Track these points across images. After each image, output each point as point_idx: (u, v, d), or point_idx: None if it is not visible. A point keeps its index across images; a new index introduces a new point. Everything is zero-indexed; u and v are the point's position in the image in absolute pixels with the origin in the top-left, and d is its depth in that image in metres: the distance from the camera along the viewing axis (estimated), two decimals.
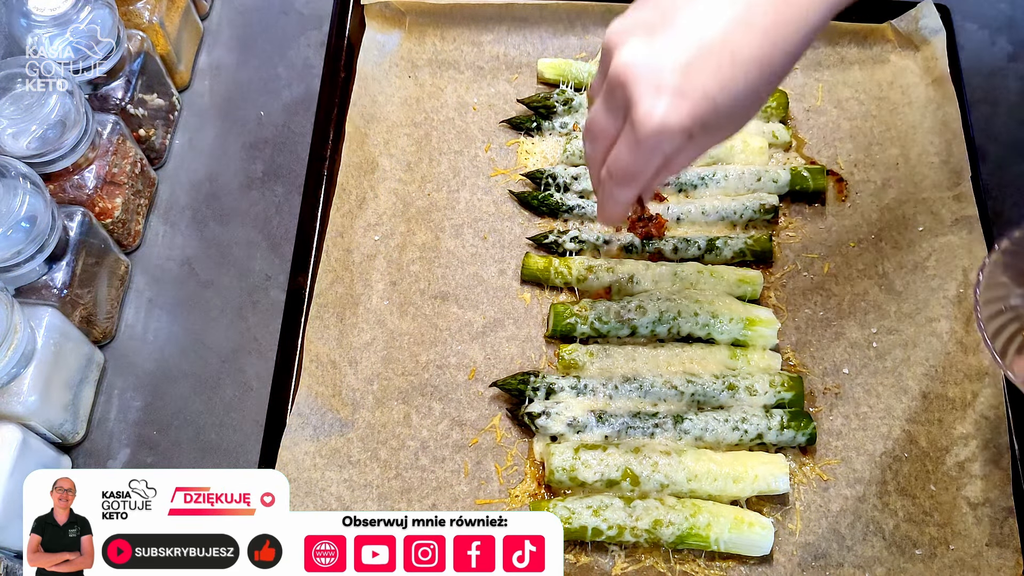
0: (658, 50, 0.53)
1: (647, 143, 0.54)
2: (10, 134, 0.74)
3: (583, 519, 0.72)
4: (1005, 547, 0.74)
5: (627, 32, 0.55)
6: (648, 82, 0.52)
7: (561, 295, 0.86)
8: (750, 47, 0.52)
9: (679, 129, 0.53)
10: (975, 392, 0.79)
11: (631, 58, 0.53)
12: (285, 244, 0.88)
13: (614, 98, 0.55)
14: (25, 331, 0.70)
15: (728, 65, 0.52)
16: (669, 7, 0.54)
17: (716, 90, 0.52)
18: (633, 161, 0.55)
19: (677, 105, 0.52)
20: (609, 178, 0.58)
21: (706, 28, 0.52)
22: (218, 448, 0.79)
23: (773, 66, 0.54)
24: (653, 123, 0.52)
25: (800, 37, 0.54)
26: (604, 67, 0.57)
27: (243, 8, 1.02)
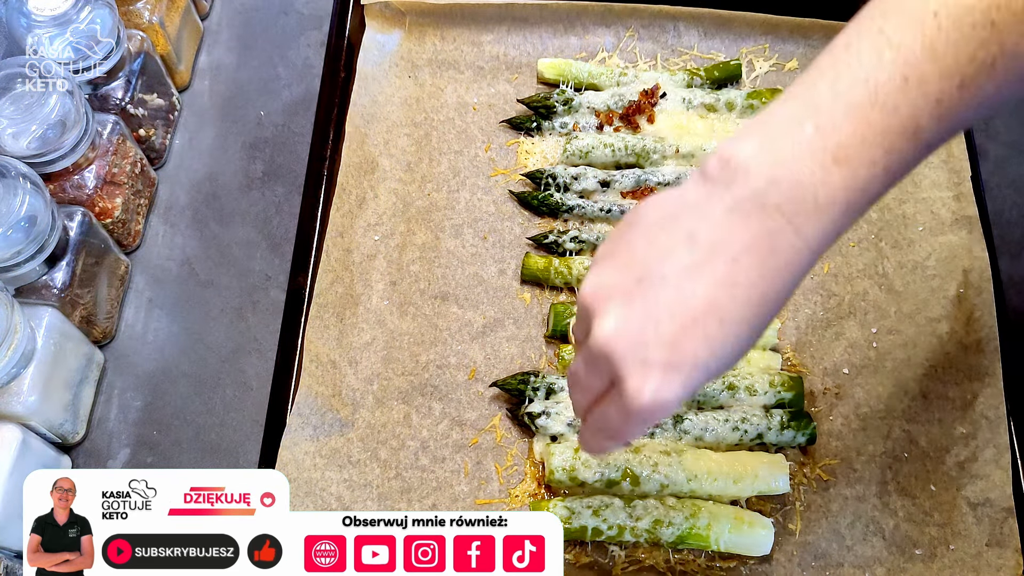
0: (640, 322, 0.48)
1: (639, 417, 0.49)
2: (10, 134, 0.74)
3: (583, 519, 0.72)
4: (1005, 547, 0.74)
5: (604, 297, 0.50)
6: (634, 358, 0.48)
7: (561, 295, 0.86)
8: (737, 308, 0.47)
9: (674, 403, 0.49)
10: (975, 392, 0.79)
11: (612, 331, 0.48)
12: (285, 244, 0.88)
13: (597, 366, 0.50)
14: (25, 331, 0.70)
15: (717, 331, 0.47)
16: (643, 269, 0.49)
17: (706, 357, 0.48)
18: (624, 427, 0.52)
19: (668, 380, 0.48)
20: (595, 432, 0.54)
21: (688, 295, 0.47)
22: (218, 448, 0.79)
23: (764, 319, 0.49)
24: (644, 401, 0.48)
25: (789, 286, 0.49)
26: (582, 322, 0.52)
27: (243, 8, 1.02)
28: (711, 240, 0.48)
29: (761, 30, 0.98)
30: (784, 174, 0.47)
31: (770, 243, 0.47)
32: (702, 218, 0.48)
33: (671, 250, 0.48)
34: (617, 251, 0.51)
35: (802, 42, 0.97)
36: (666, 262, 0.48)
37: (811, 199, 0.47)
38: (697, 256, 0.48)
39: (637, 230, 0.51)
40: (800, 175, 0.47)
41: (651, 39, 0.98)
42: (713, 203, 0.48)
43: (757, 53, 0.98)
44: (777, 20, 0.97)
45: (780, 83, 0.96)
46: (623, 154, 0.90)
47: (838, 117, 0.47)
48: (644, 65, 0.97)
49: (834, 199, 0.47)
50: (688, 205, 0.49)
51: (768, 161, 0.47)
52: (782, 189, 0.47)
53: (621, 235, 0.52)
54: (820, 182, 0.47)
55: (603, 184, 0.89)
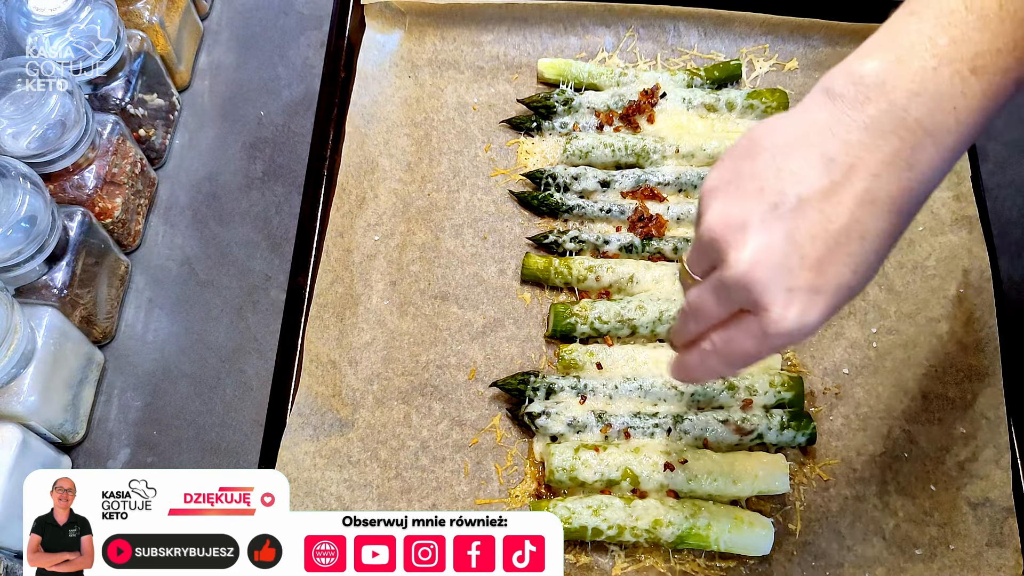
0: (782, 249, 0.48)
1: (778, 341, 0.50)
2: (10, 134, 0.74)
3: (583, 519, 0.72)
4: (1005, 547, 0.74)
5: (737, 227, 0.49)
6: (778, 286, 0.48)
7: (561, 295, 0.86)
8: (877, 225, 0.48)
9: (817, 326, 0.49)
10: (975, 392, 0.79)
11: (753, 260, 0.48)
12: (285, 244, 0.88)
13: (731, 296, 0.51)
14: (25, 331, 0.70)
15: (859, 250, 0.48)
16: (778, 193, 0.49)
17: (850, 277, 0.49)
18: (756, 351, 0.52)
19: (813, 303, 0.48)
20: (716, 355, 0.54)
21: (830, 217, 0.48)
22: (218, 448, 0.79)
23: (901, 229, 0.50)
24: (788, 326, 0.49)
25: (922, 199, 0.50)
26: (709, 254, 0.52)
27: (243, 8, 1.02)
28: (848, 159, 0.48)
29: (761, 30, 0.98)
30: (923, 88, 0.48)
31: (910, 158, 0.48)
32: (836, 138, 0.48)
33: (805, 173, 0.49)
34: (740, 179, 0.51)
35: (802, 42, 0.97)
36: (801, 185, 0.48)
37: (951, 111, 0.48)
38: (835, 176, 0.48)
39: (759, 156, 0.50)
40: (940, 87, 0.48)
41: (651, 39, 0.98)
42: (847, 122, 0.49)
43: (757, 53, 0.98)
44: (777, 20, 0.97)
45: (780, 83, 0.96)
46: (623, 154, 0.90)
47: (971, 29, 0.48)
48: (644, 65, 0.97)
49: (973, 108, 0.48)
50: (816, 126, 0.50)
51: (905, 76, 0.48)
52: (923, 102, 0.48)
53: (739, 162, 0.51)
54: (960, 93, 0.48)
55: (603, 184, 0.89)
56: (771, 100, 0.92)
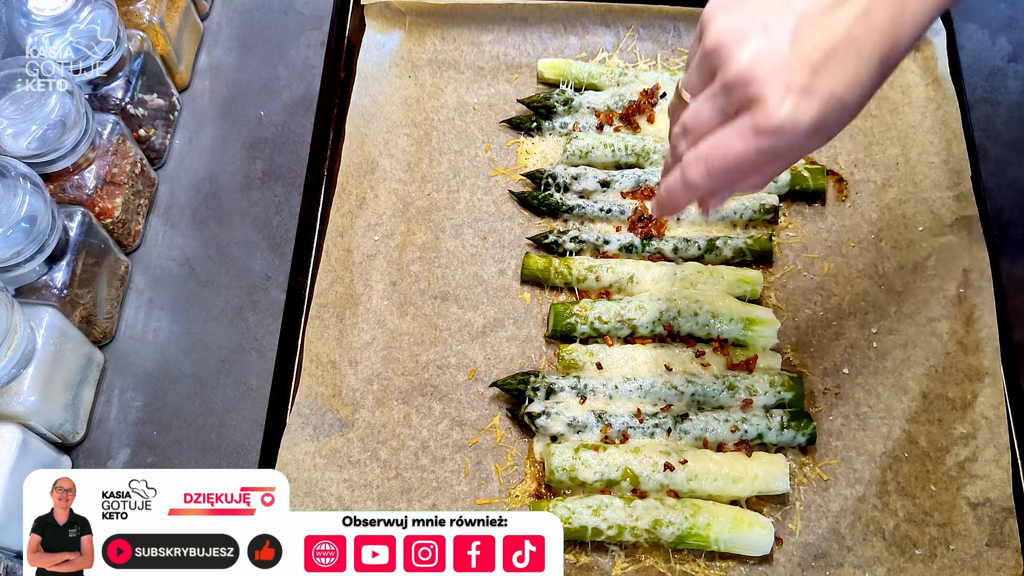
0: (784, 49, 0.52)
1: (767, 136, 0.52)
2: (10, 134, 0.74)
3: (583, 519, 0.72)
4: (1005, 547, 0.74)
5: (743, 31, 0.53)
6: (777, 81, 0.51)
7: (561, 295, 0.86)
8: (872, 43, 0.52)
9: (806, 126, 0.52)
10: (975, 392, 0.79)
11: (755, 57, 0.52)
12: (285, 244, 0.88)
13: (729, 97, 0.53)
14: (25, 331, 0.70)
15: (853, 63, 0.52)
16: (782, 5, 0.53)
17: (843, 88, 0.52)
18: (742, 150, 0.54)
19: (807, 103, 0.51)
20: (699, 162, 0.56)
21: (830, 26, 0.52)
22: (218, 448, 0.79)
23: (893, 59, 0.54)
24: (780, 119, 0.51)
25: (918, 28, 0.54)
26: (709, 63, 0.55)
27: (243, 8, 1.02)
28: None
29: None
30: None
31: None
32: None
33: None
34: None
35: None
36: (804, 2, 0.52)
37: None
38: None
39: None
40: None
41: (651, 39, 0.98)
42: None
43: None
44: None
45: None
46: (623, 154, 0.90)
47: None
48: (644, 65, 0.97)
49: None
50: None
51: None
52: None
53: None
54: None
55: (603, 184, 0.89)
56: None
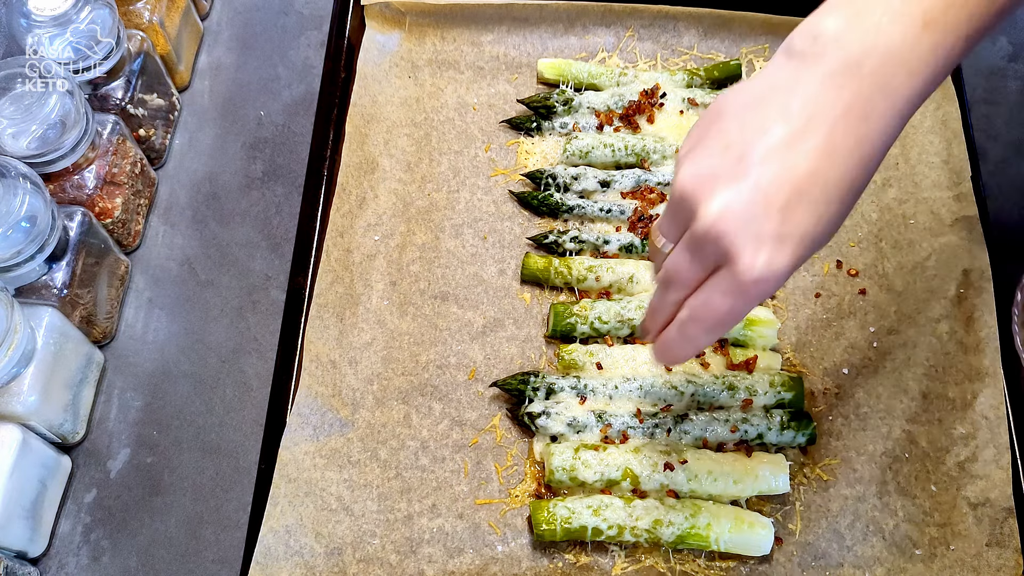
0: (749, 198, 0.50)
1: (750, 292, 0.51)
2: (10, 134, 0.74)
3: (583, 519, 0.72)
4: (1005, 547, 0.74)
5: (707, 181, 0.51)
6: (746, 233, 0.50)
7: (561, 295, 0.86)
8: (838, 174, 0.50)
9: (784, 272, 0.51)
10: (975, 392, 0.79)
11: (722, 211, 0.50)
12: (285, 244, 0.88)
13: (703, 250, 0.52)
14: (25, 331, 0.70)
15: (822, 199, 0.50)
16: (742, 145, 0.51)
17: (814, 225, 0.51)
18: (731, 308, 0.53)
19: (780, 250, 0.50)
20: (694, 322, 0.55)
21: (792, 166, 0.50)
22: (218, 448, 0.79)
23: (861, 182, 0.52)
24: (757, 273, 0.50)
25: (883, 147, 0.52)
26: (680, 214, 0.54)
27: (243, 8, 1.02)
28: (807, 111, 0.50)
29: (761, 30, 0.98)
30: (877, 42, 0.50)
31: (865, 109, 0.50)
32: (795, 93, 0.51)
33: (767, 127, 0.51)
34: (708, 138, 0.53)
35: None
36: (764, 138, 0.51)
37: (903, 64, 0.50)
38: (795, 127, 0.50)
39: (726, 116, 0.53)
40: (892, 42, 0.50)
41: (651, 39, 0.98)
42: (805, 77, 0.51)
43: (757, 53, 0.98)
44: (777, 20, 0.97)
45: None
46: (623, 154, 0.90)
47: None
48: (644, 65, 0.97)
49: (924, 62, 0.51)
50: (777, 84, 0.52)
51: (859, 31, 0.50)
52: (875, 56, 0.50)
53: (709, 124, 0.54)
54: (911, 47, 0.50)
55: (603, 184, 0.89)
56: None
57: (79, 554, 0.74)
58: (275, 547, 0.73)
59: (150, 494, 0.77)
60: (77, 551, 0.74)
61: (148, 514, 0.76)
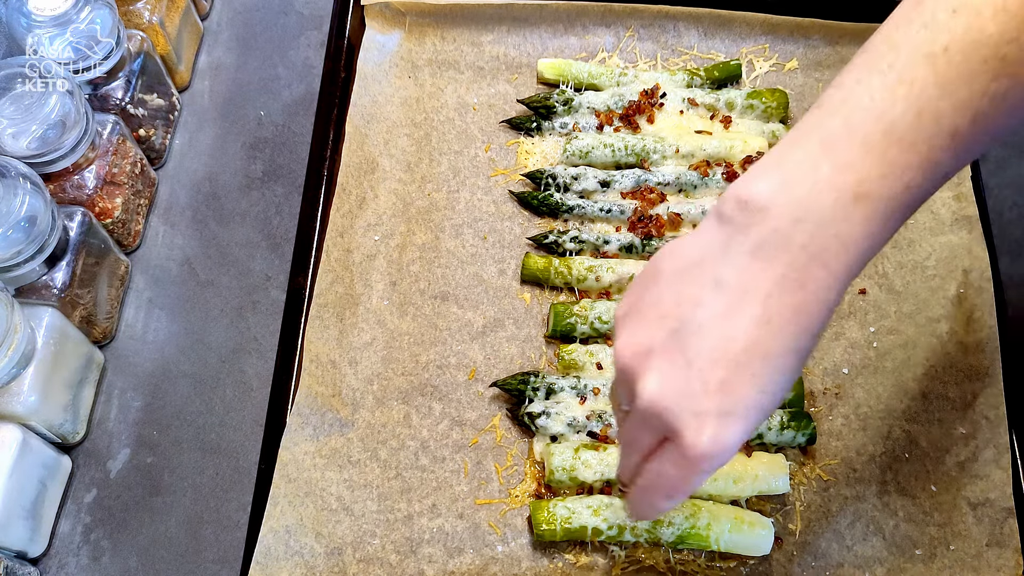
0: (684, 374, 0.48)
1: (700, 467, 0.49)
2: (10, 134, 0.74)
3: (583, 519, 0.72)
4: (1005, 547, 0.74)
5: (642, 356, 0.50)
6: (686, 411, 0.48)
7: (561, 295, 0.86)
8: (778, 343, 0.48)
9: (733, 446, 0.49)
10: (975, 392, 0.79)
11: (659, 389, 0.49)
12: (285, 244, 0.88)
13: (648, 425, 0.51)
14: (25, 331, 0.70)
15: (762, 369, 0.48)
16: (677, 318, 0.49)
17: (758, 396, 0.48)
18: (682, 480, 0.51)
19: (724, 425, 0.48)
20: (652, 491, 0.54)
21: (728, 339, 0.48)
22: (218, 448, 0.79)
23: (806, 347, 0.49)
24: (703, 450, 0.48)
25: (823, 316, 0.49)
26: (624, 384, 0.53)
27: (243, 8, 1.02)
28: (740, 283, 0.48)
29: (761, 30, 0.98)
30: (806, 214, 0.47)
31: (799, 279, 0.47)
32: (726, 263, 0.49)
33: (700, 298, 0.49)
34: (643, 306, 0.51)
35: (802, 42, 0.97)
36: (698, 310, 0.49)
37: (834, 236, 0.47)
38: (729, 299, 0.48)
39: (660, 282, 0.51)
40: (822, 214, 0.47)
41: (651, 39, 0.98)
42: (734, 246, 0.49)
43: (757, 53, 0.98)
44: (777, 20, 0.97)
45: (780, 83, 0.96)
46: (623, 154, 0.89)
47: (855, 155, 0.47)
48: (644, 65, 0.97)
49: (856, 234, 0.47)
50: (708, 251, 0.50)
51: (788, 201, 0.48)
52: (805, 228, 0.47)
53: (643, 289, 0.52)
54: (842, 219, 0.47)
55: (603, 184, 0.89)
56: (771, 100, 0.92)
57: (79, 554, 0.74)
58: (275, 547, 0.73)
59: (150, 494, 0.76)
60: (77, 551, 0.74)
61: (148, 514, 0.76)
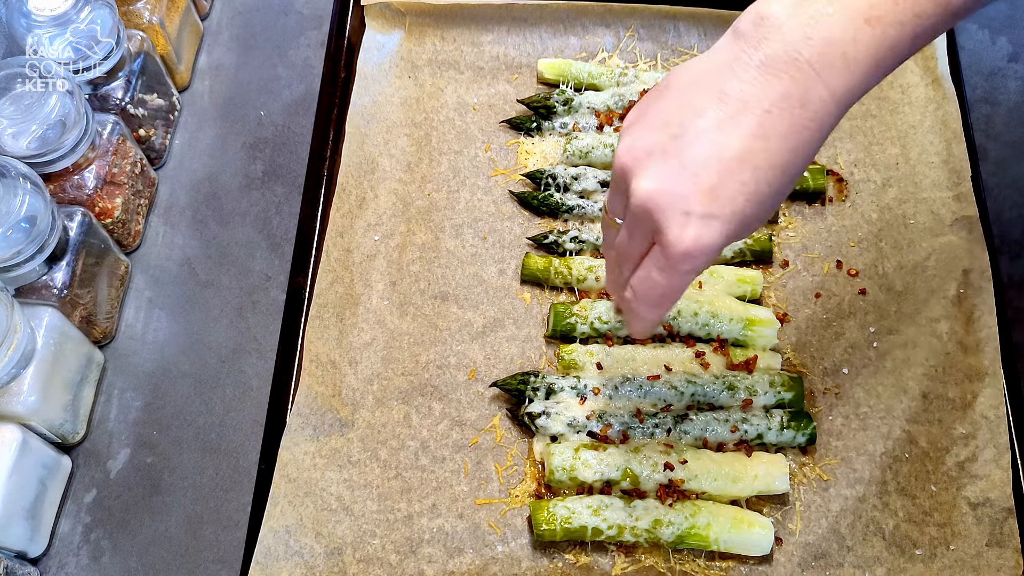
0: (679, 175, 0.51)
1: (680, 267, 0.53)
2: (10, 134, 0.74)
3: (583, 519, 0.72)
4: (1005, 547, 0.74)
5: (641, 157, 0.53)
6: (675, 210, 0.51)
7: (561, 295, 0.86)
8: (770, 157, 0.51)
9: (714, 248, 0.52)
10: (975, 392, 0.79)
11: (653, 187, 0.52)
12: (285, 244, 0.88)
13: (639, 225, 0.54)
14: (25, 331, 0.70)
15: (751, 179, 0.51)
16: (679, 125, 0.52)
17: (743, 204, 0.51)
18: (666, 283, 0.55)
19: (708, 226, 0.51)
20: (637, 300, 0.57)
21: (723, 147, 0.51)
22: (218, 448, 0.79)
23: (796, 166, 0.52)
24: (684, 247, 0.52)
25: (820, 135, 0.52)
26: (620, 187, 0.55)
27: (243, 8, 1.02)
28: (743, 95, 0.51)
29: None
30: (817, 32, 0.50)
31: (800, 96, 0.51)
32: (733, 76, 0.52)
33: (704, 107, 0.52)
34: (649, 114, 0.54)
35: None
36: (700, 118, 0.52)
37: (841, 55, 0.50)
38: (730, 110, 0.51)
39: (669, 94, 0.54)
40: (832, 33, 0.50)
41: (651, 39, 0.98)
42: (744, 60, 0.51)
43: None
44: None
45: None
46: None
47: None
48: (644, 65, 0.97)
49: (862, 57, 0.51)
50: (719, 65, 0.53)
51: (802, 19, 0.50)
52: (814, 46, 0.50)
53: (652, 100, 0.55)
54: (851, 40, 0.50)
55: (603, 184, 0.89)
56: None
57: (79, 554, 0.74)
58: (275, 547, 0.73)
59: (150, 494, 0.77)
60: (77, 551, 0.74)
61: (148, 514, 0.76)
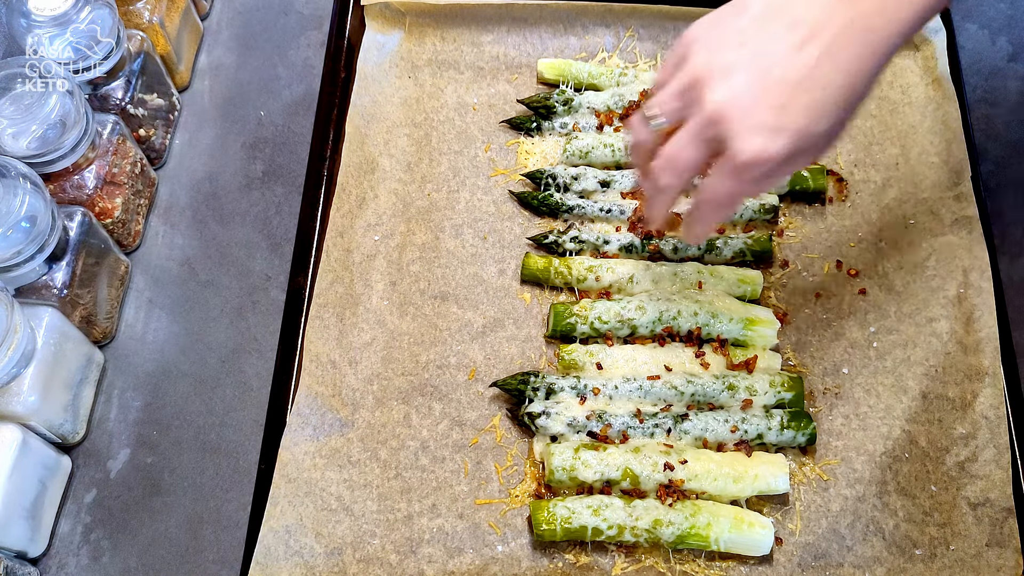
0: (751, 91, 0.56)
1: (746, 172, 0.58)
2: (10, 134, 0.74)
3: (583, 519, 0.72)
4: (1005, 547, 0.74)
5: (719, 71, 0.58)
6: (745, 122, 0.56)
7: (561, 295, 0.85)
8: (837, 79, 0.56)
9: (777, 159, 0.57)
10: (975, 392, 0.79)
11: (727, 99, 0.57)
12: (285, 244, 0.88)
13: (704, 133, 0.59)
14: (25, 331, 0.70)
15: (819, 99, 0.56)
16: (755, 47, 0.57)
17: (808, 123, 0.57)
18: (732, 188, 0.60)
19: (775, 139, 0.56)
20: (705, 205, 0.63)
21: (796, 67, 0.56)
22: (218, 448, 0.79)
23: (859, 92, 0.58)
24: (750, 155, 0.57)
25: (882, 61, 0.58)
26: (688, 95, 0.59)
27: (243, 8, 1.02)
28: (815, 21, 0.56)
29: None
30: None
31: (867, 23, 0.57)
32: (807, 5, 0.57)
33: (778, 32, 0.57)
34: (727, 34, 0.59)
35: None
36: (774, 42, 0.57)
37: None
38: (803, 34, 0.56)
39: (746, 16, 0.59)
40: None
41: (651, 39, 0.98)
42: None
43: None
44: None
45: None
46: (623, 154, 0.89)
47: None
48: (644, 65, 0.97)
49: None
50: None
51: None
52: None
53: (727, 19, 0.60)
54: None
55: (603, 184, 0.89)
56: None
57: (79, 554, 0.74)
58: (275, 547, 0.73)
59: (150, 494, 0.77)
60: (77, 551, 0.74)
61: (148, 514, 0.76)
